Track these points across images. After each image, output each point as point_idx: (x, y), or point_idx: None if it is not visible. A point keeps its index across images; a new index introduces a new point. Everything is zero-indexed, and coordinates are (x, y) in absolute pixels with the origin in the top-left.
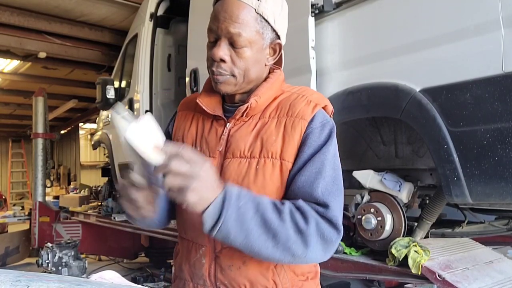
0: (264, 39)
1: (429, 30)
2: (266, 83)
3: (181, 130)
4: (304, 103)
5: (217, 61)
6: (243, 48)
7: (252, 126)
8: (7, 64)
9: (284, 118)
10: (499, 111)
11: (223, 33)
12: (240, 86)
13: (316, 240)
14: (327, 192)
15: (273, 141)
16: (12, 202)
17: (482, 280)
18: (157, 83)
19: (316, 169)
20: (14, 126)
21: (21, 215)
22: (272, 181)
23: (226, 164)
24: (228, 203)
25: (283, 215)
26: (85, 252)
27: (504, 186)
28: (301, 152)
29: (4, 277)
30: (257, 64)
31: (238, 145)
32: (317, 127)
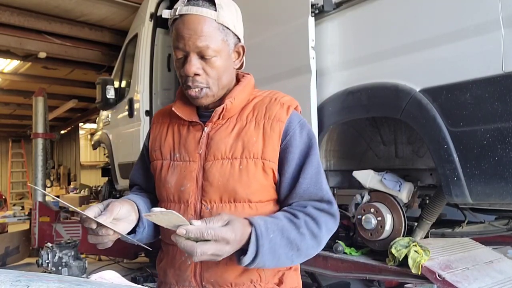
0: (229, 45)
1: (429, 30)
2: (238, 86)
3: (158, 141)
4: (278, 106)
5: (191, 76)
6: (213, 58)
7: (231, 128)
8: (7, 64)
9: (262, 120)
10: (499, 111)
11: (191, 49)
12: (217, 95)
13: (326, 237)
14: (327, 189)
15: (254, 142)
16: (12, 202)
17: (482, 280)
18: (157, 83)
19: (315, 170)
20: (14, 126)
21: (21, 215)
22: (256, 179)
23: (208, 166)
24: (262, 241)
25: (301, 229)
26: (85, 252)
27: (504, 186)
28: (289, 153)
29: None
30: (227, 70)
31: (218, 147)
32: (296, 128)
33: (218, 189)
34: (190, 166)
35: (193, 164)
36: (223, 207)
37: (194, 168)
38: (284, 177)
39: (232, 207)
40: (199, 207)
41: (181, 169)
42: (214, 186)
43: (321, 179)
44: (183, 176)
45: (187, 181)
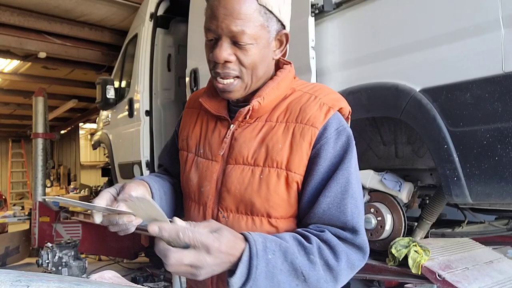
0: (270, 32)
1: (429, 30)
2: (272, 82)
3: (186, 130)
4: (317, 106)
5: (221, 63)
6: (248, 45)
7: (258, 129)
8: (7, 64)
9: (293, 124)
10: (499, 111)
11: (224, 32)
12: (249, 88)
13: (346, 272)
14: (356, 214)
15: (279, 149)
16: (12, 202)
17: (482, 280)
18: (157, 83)
19: (341, 188)
20: (14, 126)
21: (21, 215)
22: (277, 193)
23: (228, 170)
24: (256, 261)
25: (312, 256)
26: (85, 252)
27: (504, 186)
28: (316, 165)
29: (4, 277)
30: (264, 60)
31: (241, 150)
32: (331, 136)
33: (235, 198)
34: (212, 166)
35: (215, 164)
36: (239, 218)
37: (215, 170)
38: (305, 191)
39: (249, 221)
40: (216, 213)
41: (204, 167)
42: (231, 194)
43: (346, 201)
44: (204, 176)
45: (208, 183)
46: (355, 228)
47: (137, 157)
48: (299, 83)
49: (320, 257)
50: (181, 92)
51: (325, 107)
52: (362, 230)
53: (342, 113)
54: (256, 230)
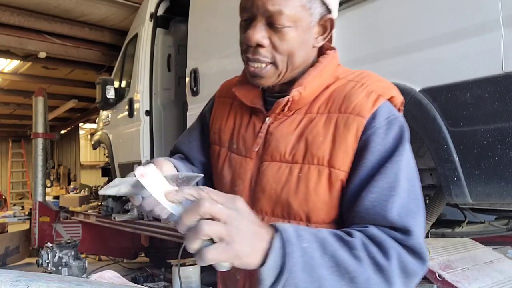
0: (312, 15)
1: (429, 30)
2: (314, 69)
3: (219, 121)
4: (363, 94)
5: (253, 46)
6: (286, 28)
7: (296, 122)
8: (7, 64)
9: (335, 114)
10: (499, 111)
11: (259, 11)
12: (283, 77)
13: (399, 276)
14: (405, 212)
15: (320, 143)
16: (12, 202)
17: (482, 280)
18: (157, 83)
19: (388, 184)
20: (14, 126)
21: (21, 215)
22: (317, 193)
23: (263, 168)
24: (290, 248)
25: (356, 251)
26: (85, 252)
27: (504, 186)
28: (362, 159)
29: (4, 277)
30: (303, 46)
31: (277, 146)
32: (381, 125)
33: (270, 199)
34: (246, 164)
35: (249, 161)
36: (274, 221)
37: (249, 167)
38: (348, 189)
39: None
40: None
41: (237, 164)
42: (266, 194)
43: (393, 199)
44: (238, 174)
45: (241, 181)
46: (405, 228)
47: (137, 157)
48: (343, 70)
49: (367, 254)
50: (181, 92)
51: (373, 95)
52: (416, 232)
53: (394, 103)
54: None
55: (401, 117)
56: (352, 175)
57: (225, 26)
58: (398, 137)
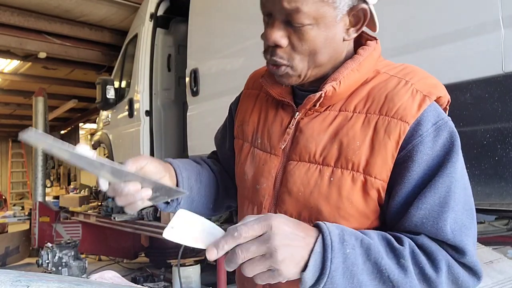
0: (337, 8)
1: (429, 30)
2: (352, 62)
3: (243, 114)
4: (408, 95)
5: (271, 45)
6: (305, 27)
7: (330, 120)
8: (7, 64)
9: (375, 115)
10: (499, 111)
11: (276, 9)
12: (306, 76)
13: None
14: (458, 229)
15: (356, 148)
16: (12, 202)
17: (482, 280)
18: (157, 83)
19: (440, 199)
20: (14, 126)
21: (21, 215)
22: (350, 201)
23: (290, 167)
24: (331, 253)
25: (403, 260)
26: (85, 252)
27: (504, 186)
28: (408, 171)
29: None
30: (329, 44)
31: (307, 145)
32: (428, 133)
33: (297, 202)
34: (271, 161)
35: (274, 159)
36: None
37: (274, 165)
38: (393, 202)
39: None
40: None
41: (260, 161)
42: (293, 196)
43: (446, 216)
44: (261, 172)
45: (264, 179)
46: (459, 247)
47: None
48: (385, 63)
49: (415, 263)
50: (181, 92)
51: (419, 96)
52: (470, 251)
53: (440, 103)
54: None
55: (450, 121)
56: (396, 188)
57: (225, 26)
58: (448, 145)
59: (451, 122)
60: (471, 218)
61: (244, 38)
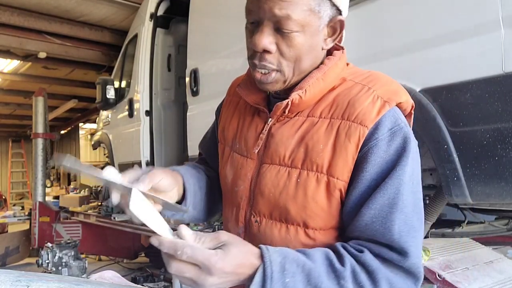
0: (321, 18)
1: (429, 30)
2: (317, 71)
3: (224, 119)
4: (369, 100)
5: (260, 51)
6: (293, 33)
7: (298, 125)
8: (7, 64)
9: (338, 120)
10: (499, 111)
11: (266, 16)
12: (290, 82)
13: None
14: (405, 231)
15: (319, 150)
16: (12, 202)
17: (482, 280)
18: (157, 83)
19: (389, 200)
20: (14, 126)
21: (21, 215)
22: (315, 200)
23: (263, 170)
24: (270, 283)
25: (342, 281)
26: (85, 252)
27: (504, 186)
28: (362, 171)
29: (4, 277)
30: (311, 51)
31: (277, 149)
32: (383, 137)
33: (269, 202)
34: (247, 164)
35: (250, 162)
36: (273, 225)
37: (250, 168)
38: (348, 201)
39: (283, 229)
40: (249, 217)
41: (238, 164)
42: (265, 197)
43: (394, 216)
44: (238, 175)
45: (241, 182)
46: (403, 249)
47: (137, 157)
48: (352, 71)
49: (354, 282)
50: (181, 92)
51: (379, 102)
52: (413, 252)
53: (403, 109)
54: (290, 240)
55: (406, 127)
56: (351, 187)
57: (225, 26)
58: (400, 150)
59: (407, 127)
60: (420, 220)
61: (244, 38)
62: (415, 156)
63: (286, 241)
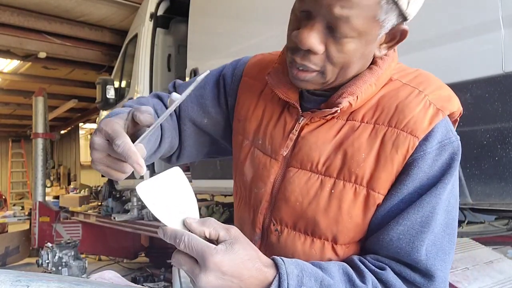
0: (383, 27)
1: (429, 30)
2: (370, 75)
3: (245, 108)
4: (421, 106)
5: (304, 49)
6: (347, 39)
7: (336, 129)
8: (7, 64)
9: (383, 127)
10: (499, 111)
11: (321, 11)
12: (330, 85)
13: None
14: (434, 253)
15: (361, 160)
16: (12, 202)
17: (482, 280)
18: (157, 83)
19: (422, 218)
20: (14, 126)
21: (21, 215)
22: (350, 215)
23: (290, 175)
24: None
25: None
26: (85, 252)
27: (504, 186)
28: (399, 183)
29: (4, 277)
30: (362, 58)
31: (310, 153)
32: (432, 150)
33: (294, 211)
34: (270, 166)
35: (274, 164)
36: (295, 236)
37: (274, 170)
38: (378, 211)
39: (307, 242)
40: (268, 223)
41: (260, 164)
42: (290, 205)
43: (424, 236)
44: (259, 175)
45: (263, 184)
46: (429, 272)
47: None
48: (398, 68)
49: None
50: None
51: (431, 109)
52: (440, 277)
53: (451, 116)
54: (314, 255)
55: (457, 140)
56: (385, 197)
57: (225, 26)
58: (446, 166)
59: (458, 141)
60: (451, 242)
61: (244, 38)
62: (457, 173)
63: (310, 255)
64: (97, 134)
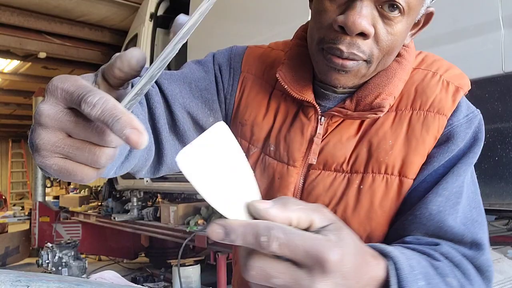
0: (424, 5)
1: (429, 30)
2: (401, 71)
3: (250, 110)
4: (440, 86)
5: (352, 34)
6: (399, 18)
7: (357, 123)
8: (7, 64)
9: (408, 112)
10: (499, 111)
11: None
12: (366, 78)
13: None
14: (470, 223)
15: (388, 148)
16: (12, 202)
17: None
18: None
19: (458, 187)
20: (14, 126)
21: (21, 215)
22: (383, 209)
23: (312, 178)
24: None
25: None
26: (85, 252)
27: (504, 186)
28: (432, 159)
29: (4, 277)
30: (400, 46)
31: (334, 153)
32: (460, 123)
33: None
34: (288, 174)
35: (293, 171)
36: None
37: (293, 179)
38: (410, 192)
39: None
40: None
41: (276, 173)
42: None
43: (459, 207)
44: (277, 187)
45: (282, 196)
46: (476, 241)
47: None
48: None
49: (456, 279)
50: None
51: (451, 87)
52: (486, 245)
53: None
54: None
55: (479, 114)
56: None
57: (225, 26)
58: (475, 135)
59: (480, 114)
60: (482, 216)
61: (244, 38)
62: (481, 144)
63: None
64: (48, 99)
